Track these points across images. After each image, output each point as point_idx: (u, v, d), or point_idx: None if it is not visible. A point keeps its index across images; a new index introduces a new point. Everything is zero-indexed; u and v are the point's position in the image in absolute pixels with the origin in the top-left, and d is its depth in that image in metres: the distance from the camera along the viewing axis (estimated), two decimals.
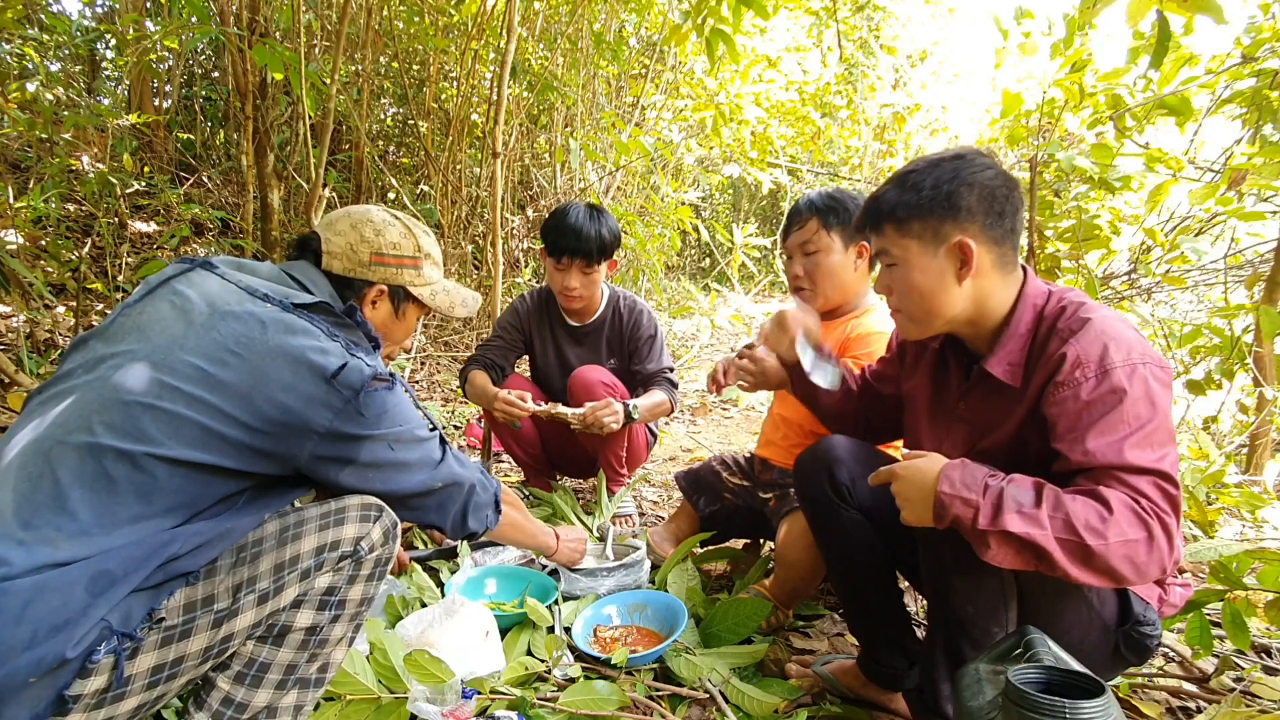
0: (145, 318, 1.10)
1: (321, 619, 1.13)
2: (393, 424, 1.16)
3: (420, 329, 4.56)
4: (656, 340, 2.51)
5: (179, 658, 1.01)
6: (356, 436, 1.12)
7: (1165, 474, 1.04)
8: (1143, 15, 1.86)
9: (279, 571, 1.07)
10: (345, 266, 1.33)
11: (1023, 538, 1.01)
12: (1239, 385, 3.06)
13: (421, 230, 1.43)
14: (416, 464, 1.21)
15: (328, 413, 1.08)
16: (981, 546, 1.04)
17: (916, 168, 1.24)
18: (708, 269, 8.84)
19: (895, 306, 1.30)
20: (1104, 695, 0.85)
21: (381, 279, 1.36)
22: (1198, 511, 2.27)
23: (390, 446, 1.16)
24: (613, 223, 2.35)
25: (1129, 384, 1.08)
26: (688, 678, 1.56)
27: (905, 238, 1.22)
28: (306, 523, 1.12)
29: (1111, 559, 0.99)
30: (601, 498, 2.33)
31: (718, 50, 2.79)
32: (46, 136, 3.75)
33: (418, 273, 1.40)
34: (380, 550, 1.16)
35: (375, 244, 1.34)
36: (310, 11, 4.27)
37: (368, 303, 1.36)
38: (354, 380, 1.10)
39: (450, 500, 1.28)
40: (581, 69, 5.29)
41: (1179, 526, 1.04)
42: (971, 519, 1.03)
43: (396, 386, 1.18)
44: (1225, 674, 1.60)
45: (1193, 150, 3.28)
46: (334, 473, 1.13)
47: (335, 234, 1.33)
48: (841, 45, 7.73)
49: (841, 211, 1.85)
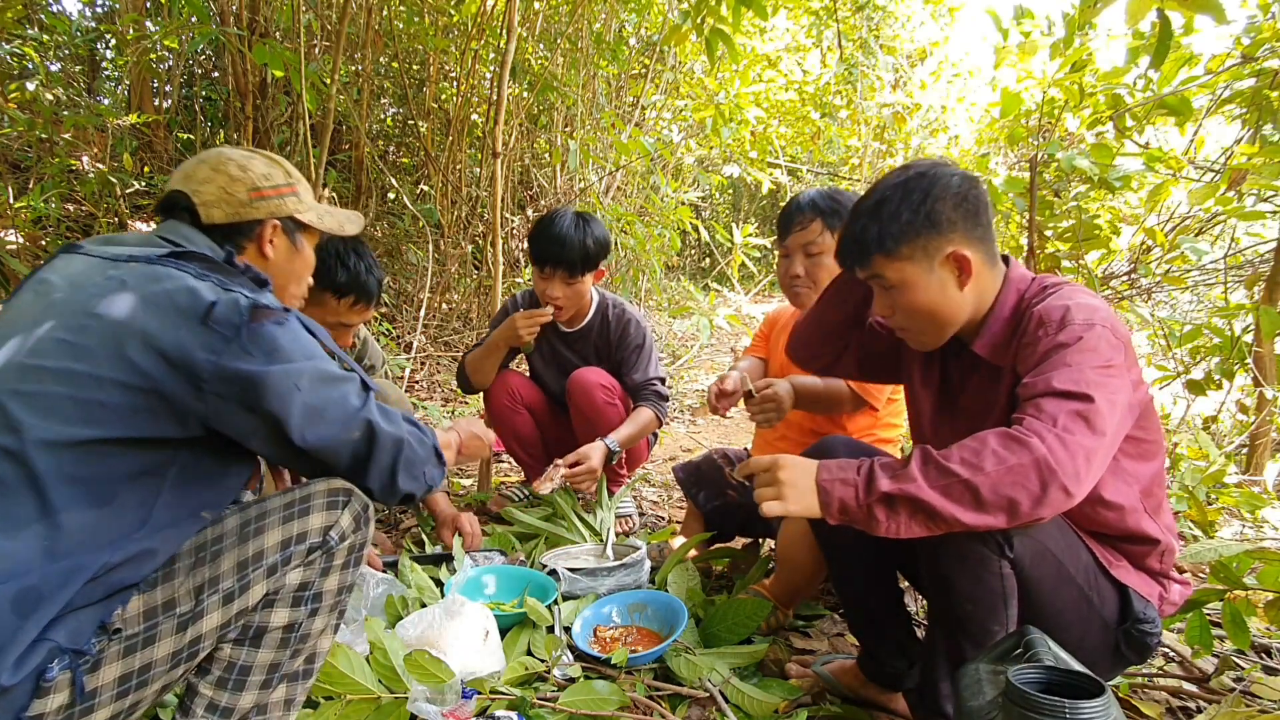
0: (10, 314, 1.03)
1: (299, 615, 1.09)
2: (290, 358, 1.03)
3: (421, 328, 4.56)
4: (644, 349, 2.45)
5: (146, 665, 0.98)
6: (251, 374, 0.99)
7: (1082, 394, 1.04)
8: (1143, 15, 1.86)
9: (242, 569, 1.03)
10: (227, 212, 1.20)
11: (898, 495, 1.03)
12: (1239, 385, 3.07)
13: (281, 158, 1.33)
14: (331, 407, 1.06)
15: (208, 354, 0.98)
16: (872, 523, 1.06)
17: (886, 195, 1.24)
18: (708, 269, 8.84)
19: (901, 326, 1.31)
20: (1104, 695, 0.85)
21: (269, 213, 1.24)
22: (1198, 511, 2.28)
23: (297, 386, 1.02)
24: (600, 231, 2.31)
25: (1083, 334, 1.12)
26: (688, 678, 1.56)
27: (897, 262, 1.23)
28: (269, 515, 1.06)
29: (1001, 489, 0.99)
30: (602, 498, 2.33)
31: (717, 50, 2.79)
32: (46, 136, 3.75)
33: (299, 199, 1.29)
34: (353, 537, 1.12)
35: (247, 180, 1.22)
36: (310, 11, 4.27)
37: (265, 244, 1.25)
38: (231, 314, 1.00)
39: (375, 456, 1.11)
40: (581, 69, 5.28)
41: (1100, 444, 1.02)
42: (854, 497, 1.06)
43: (291, 321, 1.07)
44: (1225, 674, 1.60)
45: (1193, 150, 3.28)
46: (241, 422, 1.01)
47: (200, 183, 1.20)
48: (841, 45, 7.73)
49: (843, 213, 1.84)
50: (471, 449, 1.55)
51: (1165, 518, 1.27)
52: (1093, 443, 1.02)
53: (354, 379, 1.12)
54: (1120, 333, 1.15)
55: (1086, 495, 1.05)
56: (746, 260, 7.47)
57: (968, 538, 1.11)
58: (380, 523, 2.47)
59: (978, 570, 1.13)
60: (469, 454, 1.55)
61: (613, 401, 2.36)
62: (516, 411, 2.47)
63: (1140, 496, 1.22)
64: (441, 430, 1.45)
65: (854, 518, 1.07)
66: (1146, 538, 1.23)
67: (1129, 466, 1.21)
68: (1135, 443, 1.21)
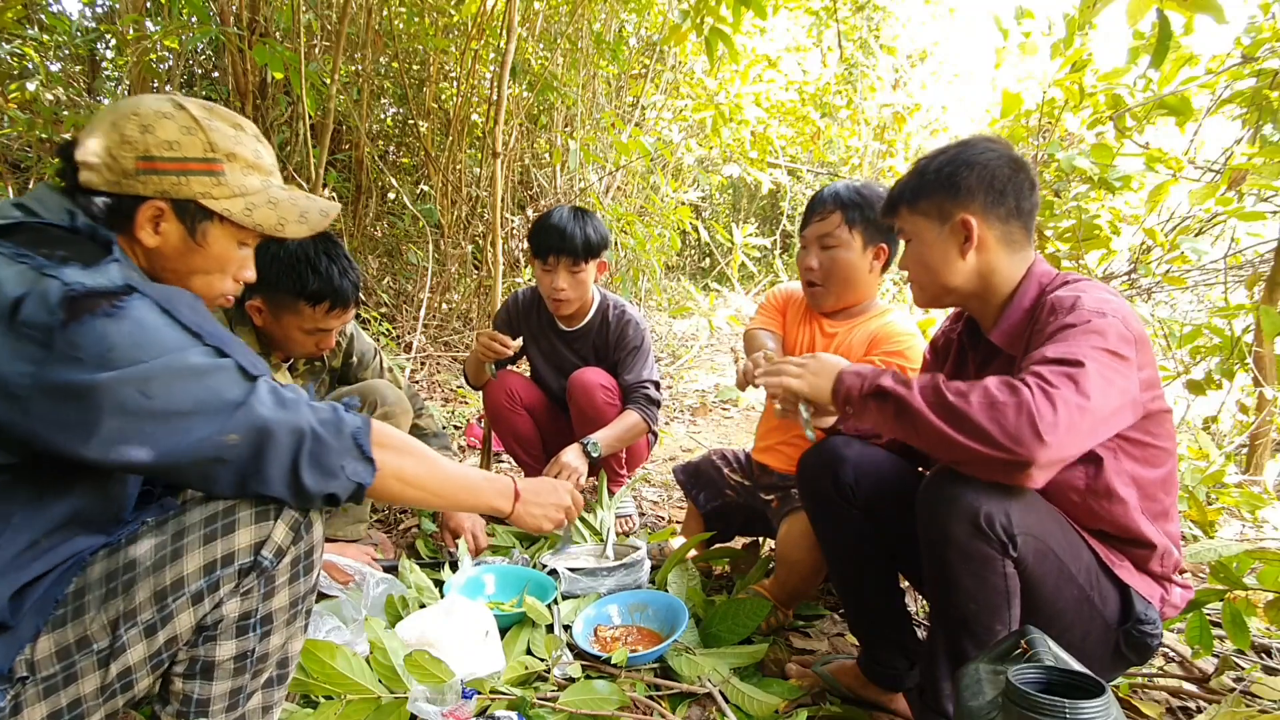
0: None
1: (248, 644, 0.96)
2: (130, 360, 0.82)
3: (421, 328, 4.56)
4: (641, 352, 2.44)
5: (74, 701, 0.89)
6: (80, 388, 0.80)
7: (1074, 360, 1.08)
8: (1143, 15, 1.86)
9: (161, 599, 0.89)
10: (106, 179, 0.96)
11: (891, 392, 1.16)
12: (1239, 385, 3.07)
13: (224, 123, 1.04)
14: (195, 409, 0.86)
15: (24, 365, 0.79)
16: (864, 412, 1.21)
17: (930, 159, 1.35)
18: (708, 269, 8.84)
19: (910, 279, 1.41)
20: (1104, 695, 0.85)
21: (157, 191, 0.97)
22: (1198, 511, 2.28)
23: (142, 392, 0.83)
24: (599, 223, 2.32)
25: (1091, 319, 1.15)
26: (688, 677, 1.56)
27: (915, 215, 1.34)
28: (187, 533, 0.90)
29: (981, 417, 1.05)
30: (602, 498, 2.33)
31: (717, 50, 2.79)
32: (46, 136, 3.75)
33: (215, 180, 1.01)
34: (294, 549, 0.96)
35: (141, 144, 0.96)
36: (310, 11, 4.27)
37: (144, 226, 0.99)
38: (39, 312, 0.79)
39: (268, 455, 0.90)
40: (581, 69, 5.28)
41: (1085, 405, 1.05)
42: (859, 386, 1.22)
43: (131, 305, 0.84)
44: (1225, 674, 1.60)
45: (1193, 150, 3.27)
46: (79, 445, 0.82)
47: (90, 137, 0.97)
48: (841, 45, 7.73)
49: (867, 209, 1.79)
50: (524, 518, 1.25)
51: (1167, 524, 1.27)
52: (1077, 401, 1.05)
53: (227, 366, 0.89)
54: (1133, 328, 1.16)
55: (1097, 487, 1.12)
56: (746, 260, 7.47)
57: (971, 538, 1.12)
58: (379, 522, 2.47)
59: (982, 570, 1.13)
60: (520, 523, 1.26)
61: (613, 402, 2.36)
62: (515, 412, 2.47)
63: (1140, 498, 1.22)
64: (490, 475, 1.24)
65: (853, 404, 1.22)
66: (1141, 539, 1.23)
67: (1129, 468, 1.21)
68: (1140, 446, 1.20)
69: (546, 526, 1.29)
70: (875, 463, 1.43)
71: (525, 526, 1.28)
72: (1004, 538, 1.11)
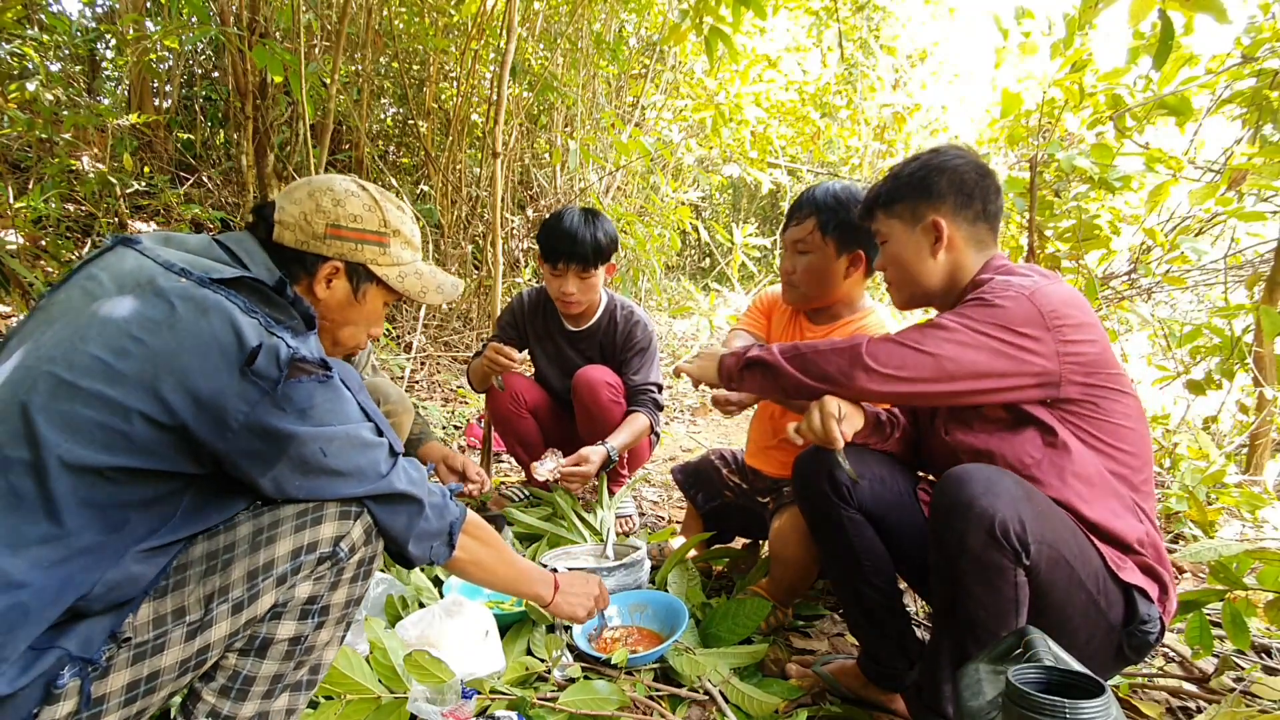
0: (56, 308, 1.00)
1: (305, 628, 1.08)
2: (323, 421, 1.01)
3: (421, 328, 4.56)
4: (647, 354, 2.45)
5: (154, 672, 0.98)
6: (279, 433, 0.97)
7: (938, 324, 1.25)
8: (1145, 15, 1.86)
9: (253, 579, 1.01)
10: (298, 238, 1.19)
11: (757, 359, 1.43)
12: (1239, 385, 3.07)
13: (393, 205, 1.29)
14: (354, 473, 1.06)
15: (243, 404, 0.95)
16: (742, 380, 1.49)
17: (903, 165, 1.44)
18: (708, 269, 8.84)
19: (887, 280, 1.48)
20: (1104, 695, 0.85)
21: (337, 254, 1.21)
22: (1198, 511, 2.28)
23: (323, 451, 1.01)
24: (609, 226, 2.32)
25: (996, 298, 1.24)
26: (688, 677, 1.56)
27: (890, 218, 1.43)
28: (282, 523, 1.04)
29: (823, 362, 1.32)
30: (602, 498, 2.33)
31: (717, 50, 2.79)
32: (46, 136, 3.75)
33: (382, 250, 1.25)
34: (363, 550, 1.10)
35: (333, 215, 1.20)
36: (310, 11, 4.27)
37: (320, 281, 1.22)
38: (270, 367, 0.97)
39: (393, 517, 1.12)
40: (581, 69, 5.29)
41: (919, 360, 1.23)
42: (735, 363, 1.49)
43: (334, 380, 1.04)
44: (1225, 674, 1.60)
45: (1193, 150, 3.27)
46: (256, 473, 1.00)
47: (291, 202, 1.19)
48: (841, 45, 7.72)
49: (843, 214, 1.78)
50: (562, 609, 1.51)
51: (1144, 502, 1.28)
52: (911, 349, 1.24)
53: (383, 444, 1.10)
54: (1048, 308, 1.21)
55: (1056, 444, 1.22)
56: (746, 260, 7.47)
57: (986, 548, 1.11)
58: None
59: (994, 579, 1.13)
60: (559, 613, 1.53)
61: (617, 400, 2.37)
62: (520, 416, 2.47)
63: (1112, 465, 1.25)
64: (536, 568, 1.47)
65: (734, 377, 1.50)
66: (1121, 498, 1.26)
67: (1091, 430, 1.24)
68: (1093, 421, 1.24)
69: (581, 614, 1.54)
70: (870, 463, 1.43)
71: (562, 615, 1.54)
72: (1018, 546, 1.11)
